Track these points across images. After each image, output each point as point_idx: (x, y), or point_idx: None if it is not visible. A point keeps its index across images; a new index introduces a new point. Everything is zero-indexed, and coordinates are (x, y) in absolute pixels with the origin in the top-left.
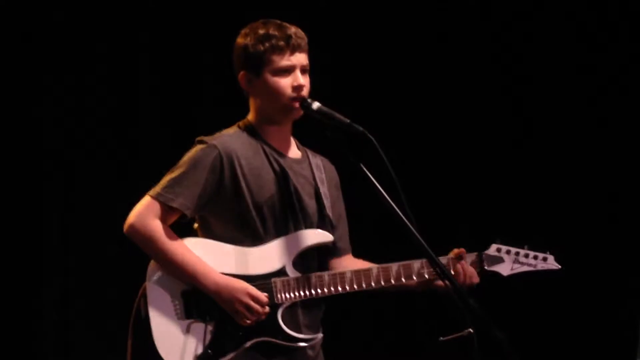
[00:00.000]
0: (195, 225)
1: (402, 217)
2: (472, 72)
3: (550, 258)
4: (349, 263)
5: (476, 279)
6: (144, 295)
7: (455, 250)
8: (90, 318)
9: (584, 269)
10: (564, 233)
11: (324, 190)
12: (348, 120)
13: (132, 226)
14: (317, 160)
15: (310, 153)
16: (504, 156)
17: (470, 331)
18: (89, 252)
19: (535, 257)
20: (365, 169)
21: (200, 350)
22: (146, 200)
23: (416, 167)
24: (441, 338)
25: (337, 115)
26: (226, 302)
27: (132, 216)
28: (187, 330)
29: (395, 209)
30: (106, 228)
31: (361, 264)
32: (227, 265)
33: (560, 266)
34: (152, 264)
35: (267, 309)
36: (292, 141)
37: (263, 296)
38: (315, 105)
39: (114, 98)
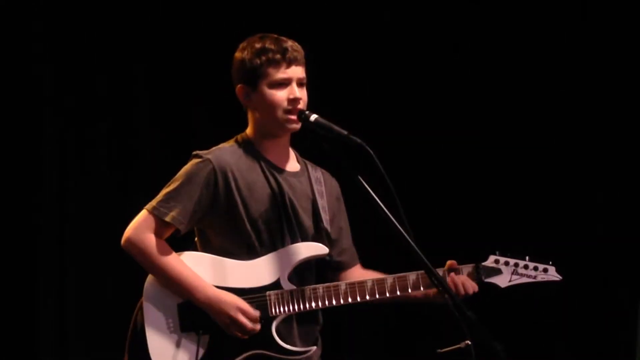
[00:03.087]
0: (196, 238)
1: (399, 229)
2: (467, 84)
3: (552, 269)
4: (358, 275)
5: (473, 290)
6: (141, 310)
7: (448, 263)
8: (88, 331)
9: (583, 270)
10: (562, 235)
11: (322, 203)
12: (346, 132)
13: (128, 240)
14: (317, 174)
15: (310, 166)
16: (503, 165)
17: (468, 343)
18: (87, 264)
19: (536, 268)
20: (362, 180)
21: None
22: (142, 214)
23: (414, 178)
24: (439, 350)
25: (335, 127)
26: (217, 316)
27: (129, 230)
28: (181, 344)
29: (393, 220)
30: (105, 240)
31: (370, 275)
32: (221, 278)
33: (561, 277)
34: (149, 278)
35: (257, 325)
36: (291, 154)
37: (253, 311)
38: (313, 117)
39: (113, 106)
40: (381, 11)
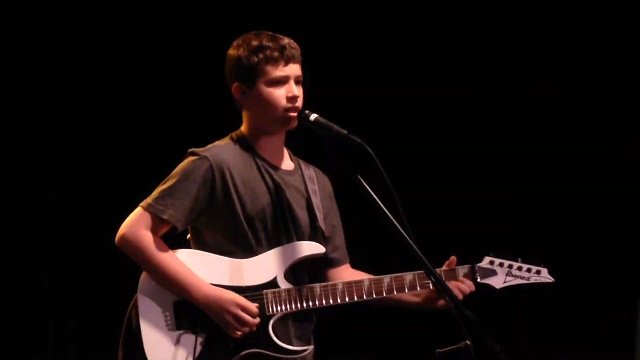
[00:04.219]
0: (188, 236)
1: (399, 229)
2: (465, 83)
3: (544, 271)
4: (346, 274)
5: (472, 288)
6: (135, 306)
7: (447, 262)
8: (83, 329)
9: (581, 270)
10: (560, 236)
11: (316, 201)
12: (345, 132)
13: (123, 237)
14: (310, 172)
15: (303, 164)
16: (501, 165)
17: (467, 343)
18: (83, 262)
19: (529, 270)
20: (362, 180)
21: None
22: (137, 211)
23: (413, 178)
24: (438, 350)
25: (335, 126)
26: (216, 314)
27: (124, 227)
28: (177, 342)
29: (392, 220)
30: (101, 238)
31: (359, 276)
32: (218, 276)
33: (553, 279)
34: (144, 275)
35: (257, 319)
36: (285, 152)
37: (253, 306)
38: (313, 116)
39: (113, 106)
40: (381, 10)
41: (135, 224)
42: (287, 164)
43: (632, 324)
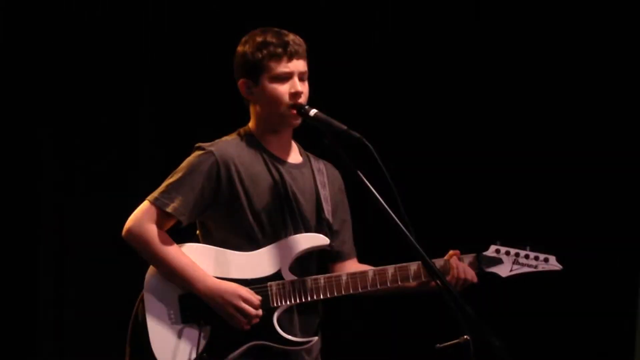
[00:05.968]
0: (198, 232)
1: (398, 223)
2: (468, 73)
3: (552, 258)
4: (353, 268)
5: (472, 278)
6: (142, 303)
7: (451, 252)
8: (88, 325)
9: (581, 270)
10: (561, 232)
11: (324, 193)
12: (345, 127)
13: (128, 230)
14: (319, 165)
15: (312, 157)
16: (503, 157)
17: (466, 338)
18: (87, 257)
19: (536, 258)
20: (361, 175)
21: (196, 355)
22: (144, 205)
23: (413, 171)
24: (437, 345)
25: (334, 121)
26: (219, 306)
27: (130, 220)
28: (183, 335)
29: (392, 215)
30: (106, 232)
31: (364, 268)
32: (223, 269)
33: (562, 267)
34: (150, 270)
35: (259, 311)
36: (293, 146)
37: (255, 298)
38: (312, 112)
39: (115, 103)
40: (382, 9)
41: (141, 218)
42: (295, 157)
43: (632, 324)
